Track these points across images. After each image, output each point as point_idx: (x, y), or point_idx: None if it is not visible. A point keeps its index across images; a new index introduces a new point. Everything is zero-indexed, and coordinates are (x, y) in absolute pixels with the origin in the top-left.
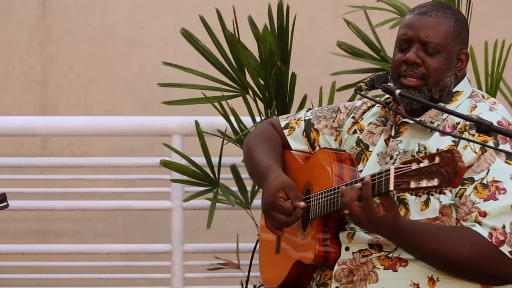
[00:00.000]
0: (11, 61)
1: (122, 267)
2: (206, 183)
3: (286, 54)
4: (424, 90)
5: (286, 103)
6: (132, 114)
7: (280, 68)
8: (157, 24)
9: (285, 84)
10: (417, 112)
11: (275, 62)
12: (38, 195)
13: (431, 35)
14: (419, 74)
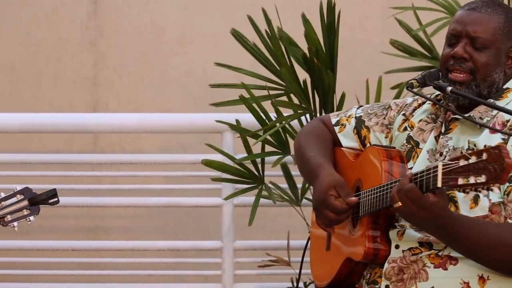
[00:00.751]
0: (62, 59)
1: (172, 263)
2: (249, 181)
3: (333, 51)
4: (472, 85)
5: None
6: (182, 111)
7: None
8: (208, 21)
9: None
10: (465, 108)
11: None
12: (89, 191)
13: (479, 30)
14: (467, 68)
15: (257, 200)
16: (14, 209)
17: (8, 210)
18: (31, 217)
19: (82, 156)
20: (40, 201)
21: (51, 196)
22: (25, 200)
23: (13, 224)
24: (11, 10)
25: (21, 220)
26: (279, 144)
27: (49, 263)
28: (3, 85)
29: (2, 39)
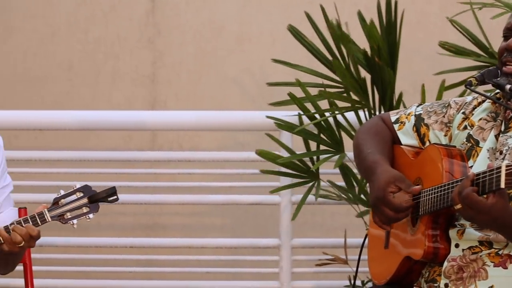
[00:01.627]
0: (120, 56)
1: (230, 261)
2: (304, 176)
3: (394, 49)
4: None
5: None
6: (240, 109)
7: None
8: (265, 19)
9: (385, 80)
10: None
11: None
12: (147, 189)
13: None
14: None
15: (306, 195)
16: (73, 206)
17: (67, 208)
18: (91, 214)
19: (140, 153)
20: (100, 199)
21: (110, 194)
22: (84, 198)
23: (73, 222)
24: (68, 8)
25: (80, 217)
26: (334, 142)
27: (107, 260)
28: (61, 83)
29: (60, 37)
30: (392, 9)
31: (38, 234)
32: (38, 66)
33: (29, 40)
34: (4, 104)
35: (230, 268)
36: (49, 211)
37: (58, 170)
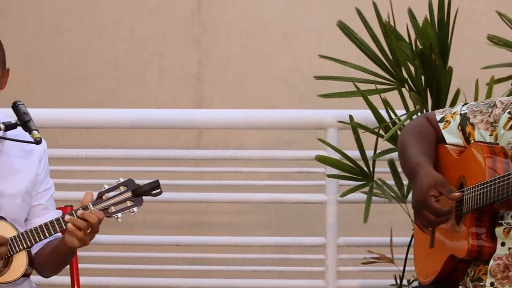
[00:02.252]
0: (166, 55)
1: (275, 259)
2: (361, 178)
3: (446, 47)
4: None
5: (440, 98)
6: (287, 107)
7: (435, 61)
8: (312, 17)
9: (440, 78)
10: None
11: (432, 55)
12: (193, 187)
13: None
14: None
15: (370, 197)
16: (117, 200)
17: (111, 202)
18: (135, 208)
19: (186, 151)
20: (143, 193)
21: (154, 187)
22: (128, 192)
23: (117, 215)
24: (115, 7)
25: (124, 211)
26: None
27: (152, 258)
28: (108, 82)
29: (106, 36)
30: (445, 7)
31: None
32: (85, 64)
33: (75, 39)
34: (50, 103)
35: (276, 266)
36: (94, 205)
37: (104, 168)
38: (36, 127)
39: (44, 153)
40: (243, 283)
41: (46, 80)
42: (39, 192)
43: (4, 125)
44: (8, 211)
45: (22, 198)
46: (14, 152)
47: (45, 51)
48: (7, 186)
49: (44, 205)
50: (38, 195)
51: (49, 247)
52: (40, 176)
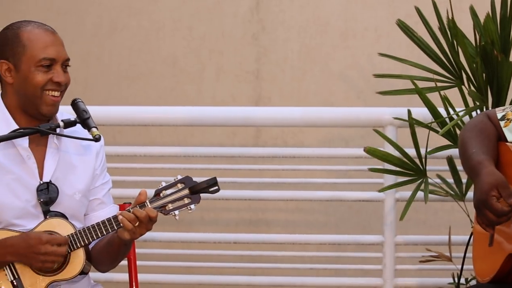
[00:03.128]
0: (225, 53)
1: (333, 257)
2: (411, 173)
3: (508, 44)
4: None
5: (501, 95)
6: (345, 105)
7: (497, 57)
8: (370, 15)
9: (502, 75)
10: None
11: (494, 51)
12: (251, 185)
13: None
14: None
15: (415, 193)
16: (175, 198)
17: (169, 199)
18: (192, 205)
19: (244, 149)
20: (201, 190)
21: (211, 184)
22: (186, 189)
23: (175, 213)
24: (173, 4)
25: (182, 208)
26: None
27: (211, 255)
28: (166, 79)
29: (164, 33)
30: (508, 4)
31: (156, 216)
32: (143, 62)
33: (134, 37)
34: (109, 100)
35: (333, 264)
36: (151, 203)
37: (162, 165)
38: (95, 124)
39: (101, 148)
40: (301, 281)
41: (105, 78)
42: (96, 186)
43: (63, 122)
44: (68, 208)
45: (81, 194)
46: (71, 149)
47: (104, 48)
48: (67, 183)
49: (101, 199)
50: (95, 189)
51: (104, 240)
52: (97, 170)
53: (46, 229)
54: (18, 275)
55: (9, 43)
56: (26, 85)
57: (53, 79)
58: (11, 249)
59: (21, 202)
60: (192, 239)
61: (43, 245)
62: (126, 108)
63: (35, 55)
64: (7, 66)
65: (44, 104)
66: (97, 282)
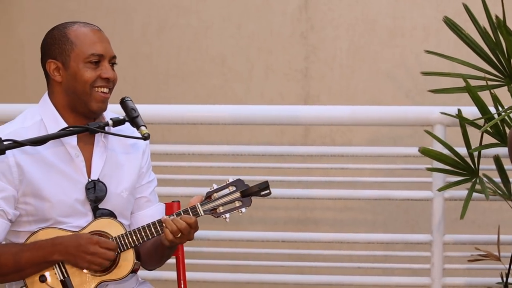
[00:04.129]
0: (273, 51)
1: (381, 256)
2: (464, 173)
3: None
4: None
5: None
6: (393, 104)
7: None
8: (419, 13)
9: None
10: None
11: None
12: (299, 183)
13: None
14: None
15: (470, 193)
16: (226, 200)
17: (220, 202)
18: (243, 209)
19: (293, 148)
20: (252, 193)
21: (263, 188)
22: (237, 192)
23: (225, 216)
24: (222, 3)
25: (233, 211)
26: (497, 135)
27: (258, 254)
28: (215, 78)
29: (213, 32)
30: None
31: (195, 222)
32: (192, 60)
33: (183, 35)
34: (157, 99)
35: (382, 263)
36: (202, 205)
37: (211, 164)
38: (144, 123)
39: (147, 146)
40: (349, 280)
41: (153, 76)
42: (142, 184)
43: (112, 120)
44: (116, 205)
45: (128, 192)
46: (118, 147)
47: (153, 47)
48: (114, 181)
49: (148, 197)
50: (142, 187)
51: (151, 240)
52: (144, 169)
53: (96, 229)
54: (67, 274)
55: (56, 42)
56: (76, 82)
57: (101, 76)
58: (60, 247)
59: (69, 200)
60: (240, 238)
61: (93, 245)
62: (175, 106)
63: (84, 52)
64: (56, 65)
65: (94, 100)
66: (145, 280)
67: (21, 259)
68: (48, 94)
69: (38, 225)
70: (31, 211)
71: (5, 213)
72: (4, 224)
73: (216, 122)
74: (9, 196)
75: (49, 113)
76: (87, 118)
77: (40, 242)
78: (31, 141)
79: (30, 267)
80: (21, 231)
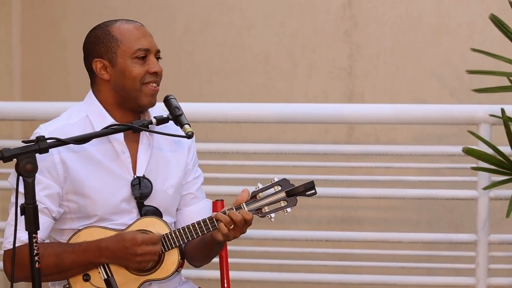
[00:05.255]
0: (317, 49)
1: (425, 256)
2: (510, 172)
3: None
4: None
5: None
6: (438, 102)
7: None
8: (464, 11)
9: None
10: None
11: None
12: (343, 182)
13: None
14: None
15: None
16: (271, 200)
17: (265, 202)
18: (288, 208)
19: (337, 146)
20: (298, 193)
21: (308, 188)
22: (282, 192)
23: (270, 216)
24: (265, 1)
25: (278, 211)
26: None
27: (302, 253)
28: (258, 76)
29: (256, 30)
30: None
31: (251, 219)
32: (235, 58)
33: (226, 33)
34: (201, 97)
35: (426, 263)
36: (247, 205)
37: (255, 163)
38: (188, 121)
39: (192, 142)
40: (392, 280)
41: (196, 75)
42: (188, 181)
43: (156, 119)
44: (161, 202)
45: (174, 189)
46: (163, 145)
47: (196, 45)
48: (160, 178)
49: (194, 194)
50: (188, 184)
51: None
52: (190, 165)
53: (140, 228)
54: (111, 273)
55: (101, 41)
56: (125, 79)
57: (149, 70)
58: (107, 252)
59: (115, 197)
60: (284, 237)
61: (138, 246)
62: (218, 105)
63: (130, 47)
64: (102, 64)
65: (144, 95)
66: (188, 279)
67: (65, 260)
68: (94, 92)
69: (82, 222)
70: (75, 209)
71: (49, 210)
72: (48, 221)
73: (259, 121)
74: (53, 193)
75: (95, 109)
76: (134, 113)
77: (85, 244)
78: (74, 140)
79: (75, 268)
80: (65, 229)
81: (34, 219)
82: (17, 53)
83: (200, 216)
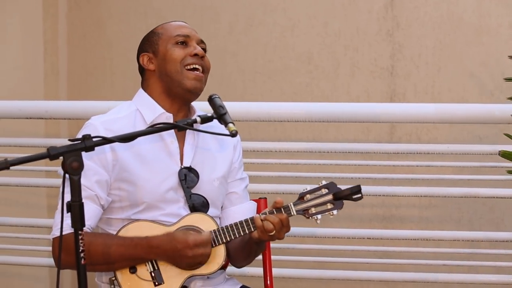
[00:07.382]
0: (359, 49)
1: (466, 254)
2: None
3: None
4: None
5: None
6: (479, 102)
7: None
8: (505, 11)
9: None
10: None
11: None
12: (385, 180)
13: None
14: None
15: None
16: (318, 202)
17: (312, 203)
18: (335, 211)
19: (379, 145)
20: (344, 196)
21: (355, 192)
22: (329, 195)
23: (317, 217)
24: (308, 1)
25: (324, 213)
26: None
27: (344, 250)
28: (301, 75)
29: (299, 30)
30: None
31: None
32: (278, 58)
33: (269, 33)
34: (244, 96)
35: (467, 261)
36: (295, 205)
37: (297, 161)
38: (232, 120)
39: (238, 142)
40: (434, 277)
41: (240, 74)
42: (234, 180)
43: (200, 118)
44: (207, 193)
45: (219, 182)
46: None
47: (240, 45)
48: (206, 171)
49: (239, 194)
50: (234, 183)
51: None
52: (236, 164)
53: (188, 224)
54: (157, 266)
55: (145, 39)
56: (166, 63)
57: (190, 53)
58: (157, 250)
59: (162, 185)
60: (325, 235)
61: (190, 249)
62: (262, 104)
63: (170, 35)
64: (148, 57)
65: (187, 78)
66: (232, 277)
67: (114, 253)
68: (143, 87)
69: (130, 211)
70: (124, 197)
71: (98, 198)
72: (97, 210)
73: (302, 120)
74: (102, 180)
75: (145, 101)
76: (183, 101)
77: (135, 240)
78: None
79: (123, 261)
80: (112, 219)
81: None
82: (63, 53)
83: (244, 216)
